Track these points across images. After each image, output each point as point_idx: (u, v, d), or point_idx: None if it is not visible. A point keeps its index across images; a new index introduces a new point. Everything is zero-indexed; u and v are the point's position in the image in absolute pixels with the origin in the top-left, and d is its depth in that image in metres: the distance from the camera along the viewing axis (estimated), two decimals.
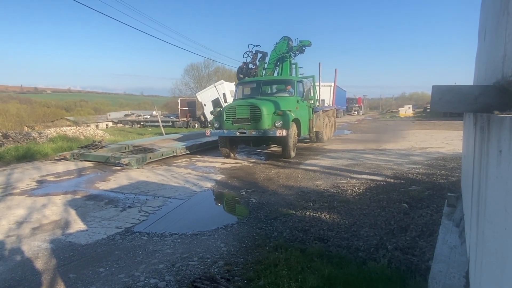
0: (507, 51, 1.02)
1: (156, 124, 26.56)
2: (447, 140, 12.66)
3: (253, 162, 8.99)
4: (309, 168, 7.74)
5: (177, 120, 28.48)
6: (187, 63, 72.00)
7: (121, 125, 32.31)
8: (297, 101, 9.73)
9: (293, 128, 8.93)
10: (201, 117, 26.97)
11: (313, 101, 11.08)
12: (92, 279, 2.91)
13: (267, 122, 8.53)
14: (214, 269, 3.03)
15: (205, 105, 24.18)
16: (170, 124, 28.34)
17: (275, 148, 10.97)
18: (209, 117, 19.80)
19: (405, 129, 18.77)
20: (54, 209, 4.98)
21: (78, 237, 3.87)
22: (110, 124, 32.74)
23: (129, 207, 5.01)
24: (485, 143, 1.38)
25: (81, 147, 10.16)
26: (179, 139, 12.28)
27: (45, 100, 49.09)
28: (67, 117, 32.03)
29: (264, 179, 6.69)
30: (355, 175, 6.74)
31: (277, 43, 11.47)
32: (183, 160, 9.46)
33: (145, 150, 9.62)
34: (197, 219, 4.54)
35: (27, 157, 9.67)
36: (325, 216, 4.34)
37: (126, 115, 34.65)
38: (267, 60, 11.58)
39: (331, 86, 20.81)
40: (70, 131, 15.87)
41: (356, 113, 48.29)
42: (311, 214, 4.44)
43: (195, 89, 41.50)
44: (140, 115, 33.28)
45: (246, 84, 10.79)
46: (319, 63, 12.99)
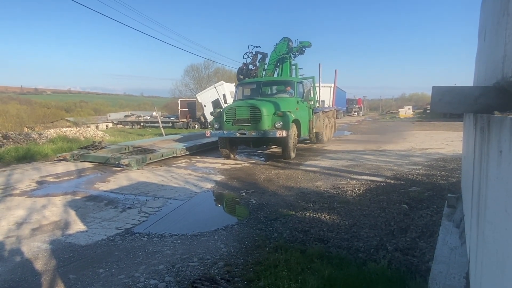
0: (507, 51, 1.02)
1: (156, 125, 26.58)
2: (447, 141, 12.66)
3: (253, 163, 8.99)
4: (309, 169, 7.74)
5: (177, 121, 28.51)
6: (187, 64, 72.05)
7: (121, 126, 32.35)
8: (297, 102, 9.73)
9: (293, 129, 8.93)
10: (201, 118, 26.99)
11: (313, 102, 11.09)
12: (92, 280, 2.91)
13: (267, 123, 8.53)
14: (214, 270, 3.02)
15: (205, 106, 24.17)
16: (170, 125, 28.37)
17: (275, 149, 10.97)
18: (209, 118, 19.79)
19: (405, 130, 18.78)
20: (54, 210, 4.98)
21: (78, 238, 3.87)
22: (110, 125, 32.78)
23: (129, 208, 5.00)
24: (485, 143, 1.38)
25: (81, 148, 10.17)
26: (179, 140, 12.27)
27: (45, 101, 49.17)
28: (67, 118, 32.09)
29: (264, 180, 6.69)
30: (355, 176, 6.74)
31: (277, 44, 11.47)
32: (183, 161, 9.46)
33: (145, 151, 9.62)
34: (197, 220, 4.53)
35: (27, 158, 9.67)
36: (325, 217, 4.34)
37: (126, 116, 34.72)
38: (267, 61, 11.58)
39: (331, 87, 20.81)
40: (70, 132, 15.88)
41: (356, 114, 48.31)
42: (311, 215, 4.44)
43: (195, 90, 41.52)
44: (140, 116, 33.34)
45: (246, 85, 10.79)
46: (319, 64, 13.01)
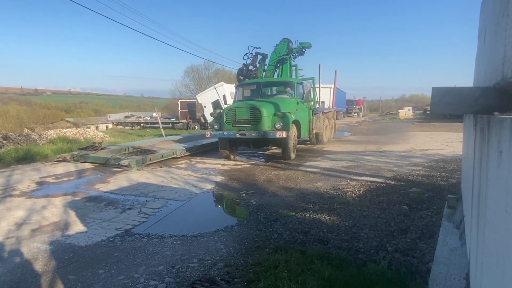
0: (507, 52, 1.02)
1: (156, 125, 26.60)
2: (447, 142, 12.66)
3: (253, 163, 8.99)
4: (309, 169, 7.74)
5: (177, 121, 28.53)
6: (187, 64, 72.18)
7: (121, 126, 32.38)
8: (297, 103, 9.73)
9: (293, 129, 8.93)
10: (201, 118, 27.00)
11: (313, 103, 11.09)
12: (91, 280, 2.91)
13: (267, 123, 8.53)
14: (214, 271, 3.02)
15: (205, 106, 24.19)
16: (170, 125, 28.40)
17: (275, 149, 10.97)
18: (209, 119, 19.78)
19: (405, 131, 18.77)
20: (53, 210, 4.97)
21: (77, 239, 3.87)
22: (110, 125, 32.81)
23: (129, 209, 5.00)
24: (485, 144, 1.38)
25: (81, 149, 10.18)
26: (179, 141, 12.28)
27: (45, 101, 49.18)
28: (67, 119, 32.11)
29: (264, 181, 6.69)
30: (355, 177, 6.73)
31: (277, 45, 11.48)
32: (183, 161, 9.46)
33: (145, 151, 9.62)
34: (197, 221, 4.53)
35: (27, 158, 9.67)
36: (325, 218, 4.33)
37: (126, 117, 34.78)
38: (267, 62, 11.59)
39: (331, 88, 20.82)
40: (70, 132, 15.89)
41: (356, 115, 48.37)
42: (311, 216, 4.44)
43: (195, 90, 41.56)
44: (140, 117, 33.39)
45: (246, 85, 10.80)
46: (319, 65, 13.01)
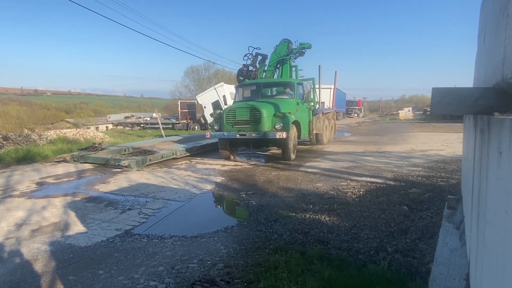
0: (506, 53, 1.02)
1: (156, 126, 26.59)
2: (447, 142, 12.66)
3: (253, 164, 8.99)
4: (309, 170, 7.74)
5: (177, 122, 28.52)
6: (187, 65, 71.99)
7: (121, 127, 32.37)
8: (297, 104, 9.73)
9: (293, 130, 8.94)
10: (201, 119, 27.00)
11: (313, 104, 11.10)
12: (91, 281, 2.91)
13: (267, 124, 8.53)
14: (214, 271, 3.02)
15: (205, 107, 24.21)
16: (170, 126, 28.37)
17: (275, 150, 10.97)
18: (209, 119, 19.80)
19: (405, 132, 18.77)
20: (53, 211, 4.97)
21: (77, 239, 3.86)
22: (110, 126, 32.78)
23: (129, 209, 5.00)
24: (485, 144, 1.38)
25: (81, 149, 10.17)
26: (179, 141, 12.28)
27: (45, 102, 49.12)
28: (67, 119, 32.09)
29: (264, 181, 6.69)
30: (355, 178, 6.73)
31: (277, 45, 11.49)
32: (183, 162, 9.46)
33: (145, 152, 9.62)
34: (197, 221, 4.53)
35: (27, 159, 9.67)
36: (325, 218, 4.33)
37: (126, 117, 34.75)
38: (267, 62, 11.60)
39: (331, 88, 20.87)
40: (70, 133, 15.91)
41: (356, 115, 48.40)
42: (311, 216, 4.44)
43: (195, 91, 41.57)
44: (140, 117, 33.36)
45: (246, 86, 10.80)
46: (319, 66, 13.04)
